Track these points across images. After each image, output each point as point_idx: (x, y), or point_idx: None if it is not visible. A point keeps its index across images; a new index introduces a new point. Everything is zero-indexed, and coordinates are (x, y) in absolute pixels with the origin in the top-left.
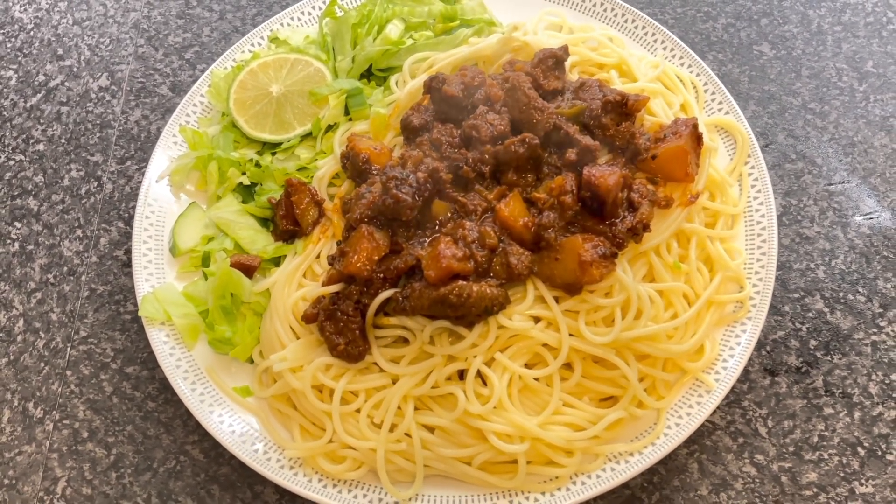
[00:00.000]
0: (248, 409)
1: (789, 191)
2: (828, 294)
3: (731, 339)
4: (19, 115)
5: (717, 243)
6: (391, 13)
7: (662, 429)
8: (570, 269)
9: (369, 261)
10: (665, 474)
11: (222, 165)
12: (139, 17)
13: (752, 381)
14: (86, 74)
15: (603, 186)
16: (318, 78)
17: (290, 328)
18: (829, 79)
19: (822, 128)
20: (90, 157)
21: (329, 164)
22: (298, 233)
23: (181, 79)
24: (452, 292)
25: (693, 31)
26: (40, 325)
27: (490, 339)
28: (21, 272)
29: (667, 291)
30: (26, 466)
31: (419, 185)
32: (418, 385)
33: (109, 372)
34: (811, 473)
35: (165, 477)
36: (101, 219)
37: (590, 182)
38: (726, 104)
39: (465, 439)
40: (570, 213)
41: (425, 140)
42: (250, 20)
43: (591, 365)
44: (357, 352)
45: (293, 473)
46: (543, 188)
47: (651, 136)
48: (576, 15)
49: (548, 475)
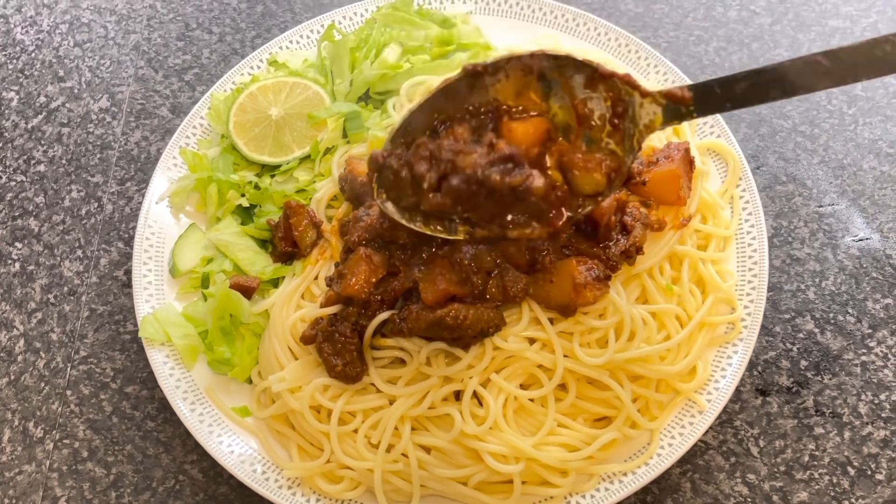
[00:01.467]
0: (246, 429)
1: (780, 213)
2: (818, 315)
3: (722, 360)
4: (20, 136)
5: (709, 265)
6: (388, 37)
7: (656, 449)
8: (564, 291)
9: (367, 283)
10: (658, 493)
11: (222, 187)
12: (139, 38)
13: (743, 402)
14: (86, 96)
15: (597, 210)
16: (316, 101)
17: (289, 349)
18: (819, 102)
19: (812, 150)
20: (91, 178)
21: (327, 187)
22: (297, 254)
23: (181, 100)
24: (449, 314)
25: (685, 55)
26: (41, 345)
27: (486, 361)
28: (22, 292)
29: (660, 313)
30: (26, 486)
31: None
32: (415, 406)
33: (109, 392)
34: (802, 493)
35: (165, 496)
36: (101, 239)
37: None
38: (717, 127)
39: (461, 459)
40: (564, 236)
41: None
42: (249, 42)
43: (585, 386)
44: (355, 373)
45: (291, 493)
46: None
47: (644, 160)
48: (569, 39)
49: (543, 495)
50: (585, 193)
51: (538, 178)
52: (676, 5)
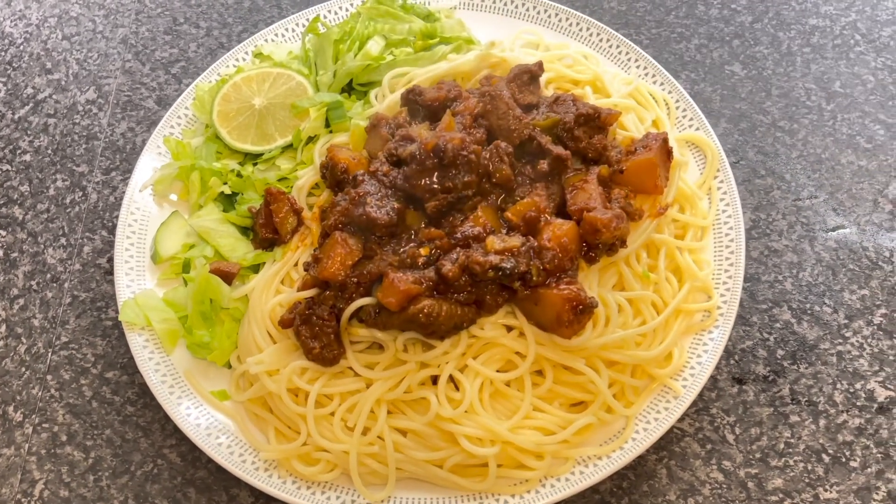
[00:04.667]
0: (224, 412)
1: (759, 205)
2: (795, 305)
3: (698, 347)
4: (7, 126)
5: (686, 254)
6: (372, 30)
7: (631, 433)
8: (546, 318)
9: (343, 266)
10: (634, 479)
11: (204, 175)
12: (127, 32)
13: (720, 390)
14: (73, 88)
15: (607, 233)
16: (299, 91)
17: (268, 333)
18: (799, 98)
19: (790, 145)
20: (76, 168)
21: (309, 175)
22: (277, 241)
23: (167, 93)
24: (422, 312)
25: (667, 51)
26: (22, 330)
27: (461, 347)
28: (5, 279)
29: (636, 300)
30: (4, 469)
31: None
32: (391, 389)
33: (89, 377)
34: (777, 479)
35: (143, 480)
36: (85, 228)
37: (594, 226)
38: (697, 120)
39: (437, 442)
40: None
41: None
42: (236, 37)
43: (562, 371)
44: (332, 355)
45: (268, 475)
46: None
47: (622, 150)
48: (552, 34)
49: (518, 478)
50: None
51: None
52: (658, 3)
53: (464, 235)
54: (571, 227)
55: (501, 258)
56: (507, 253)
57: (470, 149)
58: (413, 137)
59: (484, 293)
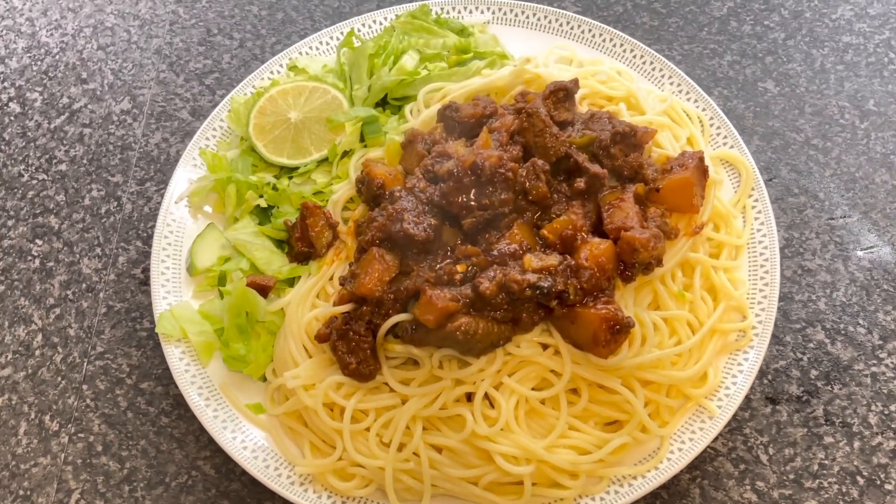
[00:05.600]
0: (259, 425)
1: (791, 224)
2: (829, 325)
3: (733, 367)
4: (43, 135)
5: (721, 273)
6: (407, 45)
7: (665, 453)
8: (582, 337)
9: (380, 281)
10: (667, 499)
11: (240, 188)
12: (161, 43)
13: (753, 409)
14: (108, 98)
15: (645, 252)
16: (335, 105)
17: (304, 347)
18: (832, 116)
19: (824, 163)
20: (111, 178)
21: (344, 189)
22: (313, 254)
23: (201, 104)
24: (459, 329)
25: (699, 68)
26: (58, 339)
27: (497, 365)
28: (41, 288)
29: (671, 319)
30: (41, 478)
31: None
32: (427, 406)
33: (124, 387)
34: (811, 501)
35: (177, 491)
36: (119, 238)
37: (632, 245)
38: (731, 138)
39: (472, 460)
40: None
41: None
42: (269, 48)
43: (597, 390)
44: (368, 371)
45: (303, 490)
46: (552, 227)
47: (658, 168)
48: (585, 49)
49: (553, 497)
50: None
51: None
52: (691, 19)
53: (500, 253)
54: (609, 246)
55: (539, 277)
56: (544, 271)
57: (507, 166)
58: (450, 154)
59: (520, 311)
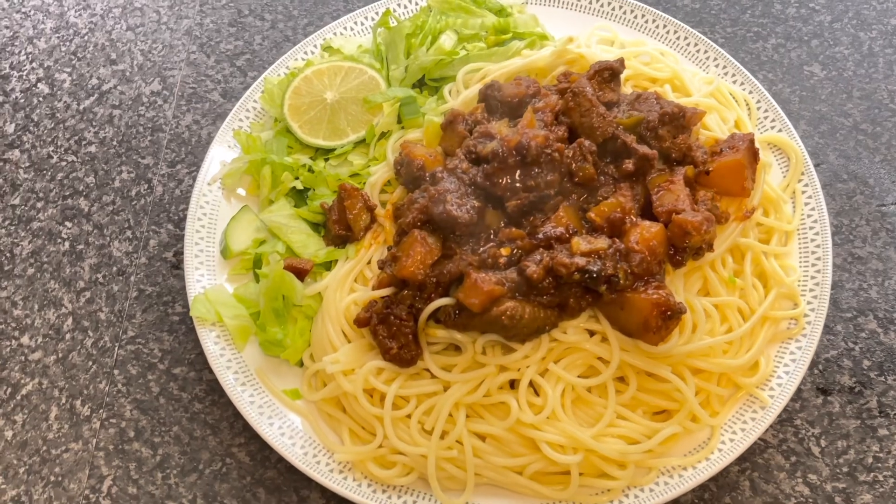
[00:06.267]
0: (297, 411)
1: (841, 210)
2: (881, 314)
3: (785, 356)
4: (72, 117)
5: (772, 259)
6: (444, 25)
7: (716, 444)
8: (632, 324)
9: (423, 265)
10: (716, 491)
11: (276, 170)
12: (192, 24)
13: (804, 400)
14: (138, 79)
15: (697, 236)
16: (372, 86)
17: (342, 331)
18: (881, 101)
19: (874, 149)
20: (141, 160)
21: (382, 171)
22: (350, 238)
23: (232, 85)
24: (505, 313)
25: (743, 51)
26: (89, 323)
27: (542, 351)
28: (71, 271)
29: (722, 305)
30: (73, 464)
31: (473, 207)
32: (470, 393)
33: (157, 372)
34: (866, 495)
35: (211, 479)
36: (150, 220)
37: (683, 228)
38: (779, 122)
39: (517, 448)
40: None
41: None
42: (301, 30)
43: (645, 379)
44: (410, 356)
45: (342, 477)
46: (600, 210)
47: (707, 150)
48: (627, 31)
49: (600, 487)
50: None
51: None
52: (734, 2)
53: (546, 236)
54: (660, 229)
55: (588, 260)
56: (593, 255)
57: (554, 147)
58: (493, 134)
59: (567, 296)
